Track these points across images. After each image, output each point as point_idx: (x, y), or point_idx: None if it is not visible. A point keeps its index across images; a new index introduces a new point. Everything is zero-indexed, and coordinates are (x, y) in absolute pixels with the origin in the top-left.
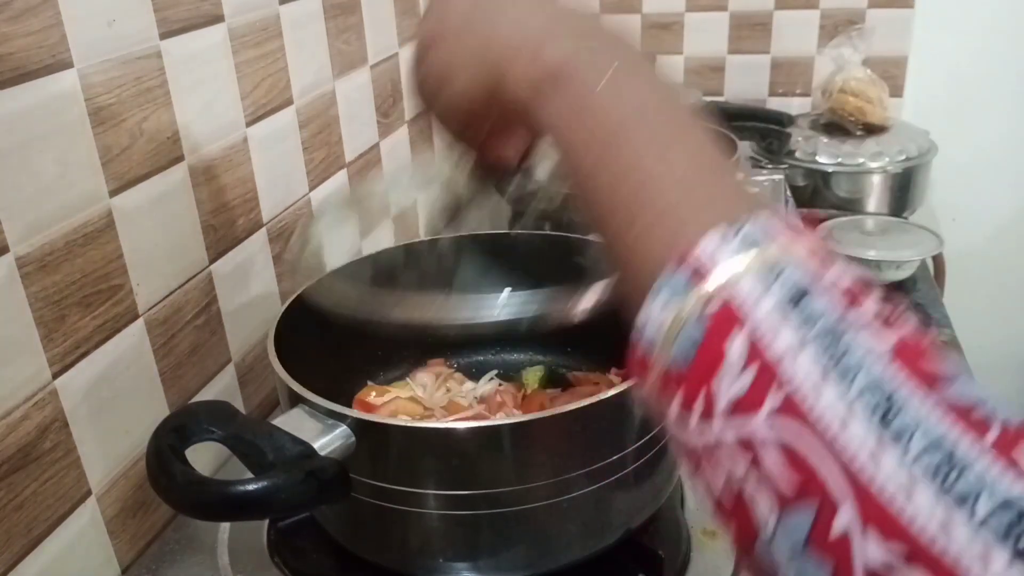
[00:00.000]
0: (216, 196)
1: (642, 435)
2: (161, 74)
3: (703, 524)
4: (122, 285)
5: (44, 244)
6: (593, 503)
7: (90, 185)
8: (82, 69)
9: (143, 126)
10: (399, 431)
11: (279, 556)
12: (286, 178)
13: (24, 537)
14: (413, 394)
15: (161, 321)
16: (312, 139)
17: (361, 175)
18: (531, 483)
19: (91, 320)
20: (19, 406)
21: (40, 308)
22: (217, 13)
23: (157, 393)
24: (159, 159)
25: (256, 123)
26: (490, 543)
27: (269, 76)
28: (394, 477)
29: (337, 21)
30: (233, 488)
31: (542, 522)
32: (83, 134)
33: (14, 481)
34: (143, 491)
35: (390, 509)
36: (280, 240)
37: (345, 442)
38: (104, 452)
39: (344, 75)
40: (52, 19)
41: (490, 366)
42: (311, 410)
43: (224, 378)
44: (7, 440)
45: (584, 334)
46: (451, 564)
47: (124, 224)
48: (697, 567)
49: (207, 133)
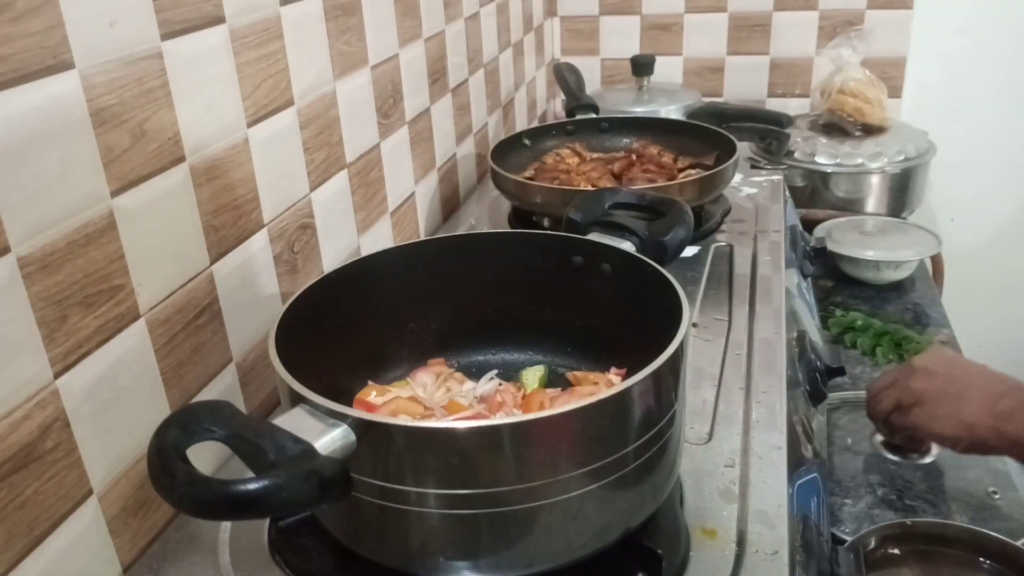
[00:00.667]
0: (217, 196)
1: (642, 434)
2: (162, 75)
3: (702, 523)
4: (123, 285)
5: (46, 244)
6: (593, 502)
7: (92, 185)
8: (84, 70)
9: (144, 127)
10: (400, 431)
11: (280, 555)
12: (287, 179)
13: (26, 536)
14: (413, 394)
15: (162, 321)
16: (313, 140)
17: (361, 176)
18: (531, 482)
19: (92, 320)
20: (21, 406)
21: (42, 308)
22: (218, 14)
23: (158, 393)
24: (160, 160)
25: (257, 124)
26: (490, 542)
27: (270, 77)
28: (395, 476)
29: (338, 22)
30: (234, 487)
31: (542, 521)
32: (85, 135)
33: (15, 480)
34: (144, 490)
35: (391, 508)
36: (281, 240)
37: (346, 441)
38: (105, 451)
39: (345, 76)
40: (53, 20)
41: (490, 366)
42: (312, 409)
43: (225, 378)
44: (9, 439)
45: (584, 334)
46: (451, 563)
47: (125, 224)
48: (696, 566)
49: (208, 134)
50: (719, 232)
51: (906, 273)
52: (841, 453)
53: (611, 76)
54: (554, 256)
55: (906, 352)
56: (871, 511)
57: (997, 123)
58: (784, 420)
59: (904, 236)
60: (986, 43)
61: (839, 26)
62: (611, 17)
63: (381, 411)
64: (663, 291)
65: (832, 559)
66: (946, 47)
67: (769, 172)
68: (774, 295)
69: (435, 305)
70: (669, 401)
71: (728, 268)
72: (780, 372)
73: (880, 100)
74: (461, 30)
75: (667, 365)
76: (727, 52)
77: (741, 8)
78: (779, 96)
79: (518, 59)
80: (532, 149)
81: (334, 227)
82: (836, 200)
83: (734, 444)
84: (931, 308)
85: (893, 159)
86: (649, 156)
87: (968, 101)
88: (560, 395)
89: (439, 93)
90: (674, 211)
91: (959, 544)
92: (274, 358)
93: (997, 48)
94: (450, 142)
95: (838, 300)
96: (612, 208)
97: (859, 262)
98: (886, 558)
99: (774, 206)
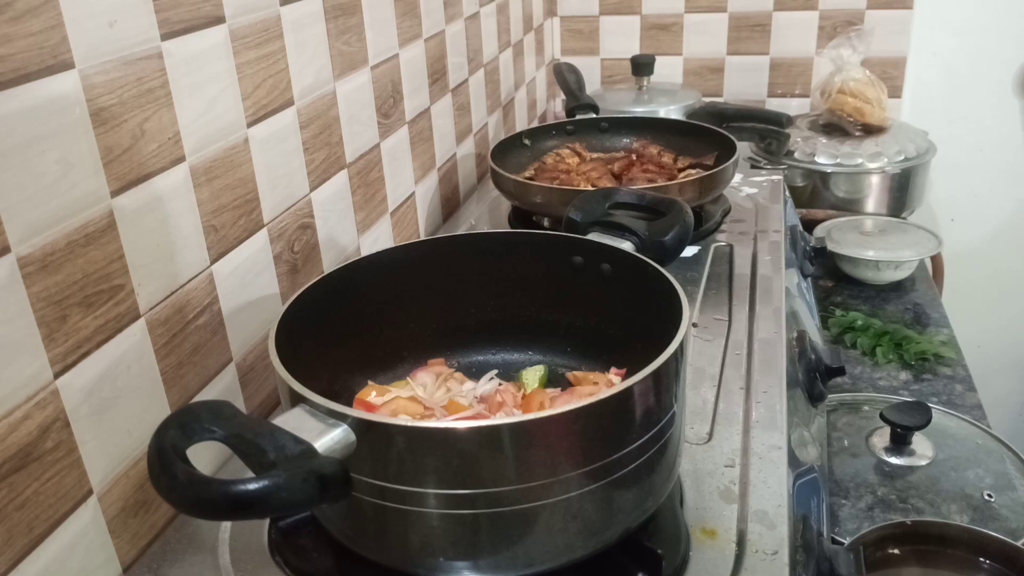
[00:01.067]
0: (217, 196)
1: (642, 434)
2: (162, 75)
3: (702, 523)
4: (123, 285)
5: (46, 244)
6: (593, 502)
7: (92, 185)
8: (83, 70)
9: (144, 127)
10: (400, 430)
11: (280, 555)
12: (287, 179)
13: (25, 536)
14: (413, 394)
15: (162, 321)
16: (313, 140)
17: (361, 176)
18: (531, 482)
19: (92, 320)
20: (21, 406)
21: (42, 308)
22: (218, 14)
23: (158, 393)
24: (160, 160)
25: (257, 124)
26: (490, 542)
27: (270, 77)
28: (395, 476)
29: (338, 22)
30: (234, 487)
31: (542, 521)
32: (84, 135)
33: (15, 480)
34: (144, 490)
35: (391, 508)
36: (281, 240)
37: (346, 441)
38: (105, 451)
39: (345, 76)
40: (53, 20)
41: (490, 366)
42: (312, 409)
43: (225, 378)
44: (9, 440)
45: (584, 334)
46: (451, 563)
47: (125, 224)
48: (696, 566)
49: (208, 134)
50: (719, 232)
51: (906, 273)
52: (840, 454)
53: (611, 76)
54: (554, 256)
55: (906, 352)
56: (871, 512)
57: (997, 123)
58: (784, 420)
59: (904, 236)
60: (986, 43)
61: (839, 26)
62: (611, 17)
63: (381, 411)
64: (663, 291)
65: (832, 559)
66: (946, 47)
67: (769, 172)
68: (774, 295)
69: (435, 305)
70: (669, 401)
71: (728, 268)
72: (780, 372)
73: (880, 100)
74: (461, 30)
75: (667, 365)
76: (727, 52)
77: (741, 8)
78: (779, 96)
79: (518, 59)
80: (532, 149)
81: (334, 227)
82: (836, 200)
83: (734, 444)
84: (931, 308)
85: (893, 159)
86: (649, 156)
87: (968, 101)
88: (560, 395)
89: (439, 93)
90: (674, 211)
91: (959, 544)
92: (274, 358)
93: (997, 48)
94: (450, 142)
95: (838, 300)
96: (612, 208)
97: (859, 262)
98: (886, 558)
99: (774, 206)
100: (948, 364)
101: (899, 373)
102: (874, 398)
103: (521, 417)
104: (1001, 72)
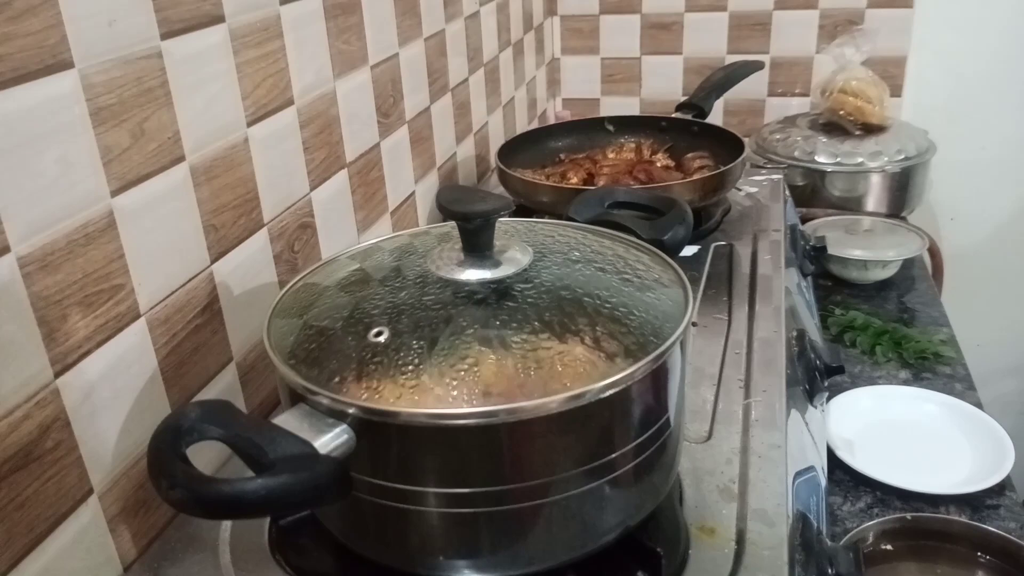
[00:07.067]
0: (217, 196)
1: (641, 433)
2: (162, 74)
3: (702, 522)
4: (123, 285)
5: (45, 244)
6: (592, 501)
7: (91, 185)
8: (83, 69)
9: (144, 126)
10: (400, 430)
11: (280, 554)
12: (287, 178)
13: (26, 536)
14: None
15: (162, 321)
16: (313, 139)
17: (361, 175)
18: (531, 481)
19: (92, 320)
20: (21, 405)
21: (41, 308)
22: (218, 13)
23: (159, 392)
24: (160, 159)
25: (257, 123)
26: (490, 541)
27: (270, 76)
28: (395, 475)
29: (337, 21)
30: (234, 487)
31: (542, 519)
32: (84, 134)
33: (16, 480)
34: (144, 490)
35: (391, 507)
36: (281, 239)
37: (346, 441)
38: (106, 451)
39: (344, 75)
40: (52, 19)
41: None
42: (312, 409)
43: (225, 377)
44: (9, 439)
45: None
46: (451, 562)
47: (125, 224)
48: (696, 565)
49: (208, 133)
50: (719, 231)
51: (891, 272)
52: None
53: (611, 75)
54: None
55: (905, 351)
56: (870, 510)
57: (999, 122)
58: (784, 419)
59: (892, 236)
60: (987, 42)
61: (840, 25)
62: (611, 16)
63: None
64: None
65: (831, 557)
66: (947, 46)
67: (769, 171)
68: (774, 294)
69: None
70: (669, 400)
71: (728, 267)
72: (780, 371)
73: (882, 100)
74: (461, 29)
75: (666, 363)
76: (727, 51)
77: (741, 7)
78: (779, 95)
79: (518, 58)
80: (541, 148)
81: (334, 226)
82: (836, 199)
83: (733, 443)
84: (931, 307)
85: (893, 158)
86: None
87: (970, 100)
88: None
89: (439, 92)
90: (674, 210)
91: (959, 540)
92: (274, 357)
93: (998, 47)
94: (450, 141)
95: (838, 299)
96: (612, 207)
97: (847, 262)
98: (885, 554)
99: (774, 205)
100: (948, 363)
101: (898, 372)
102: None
103: (521, 416)
104: (1002, 71)
